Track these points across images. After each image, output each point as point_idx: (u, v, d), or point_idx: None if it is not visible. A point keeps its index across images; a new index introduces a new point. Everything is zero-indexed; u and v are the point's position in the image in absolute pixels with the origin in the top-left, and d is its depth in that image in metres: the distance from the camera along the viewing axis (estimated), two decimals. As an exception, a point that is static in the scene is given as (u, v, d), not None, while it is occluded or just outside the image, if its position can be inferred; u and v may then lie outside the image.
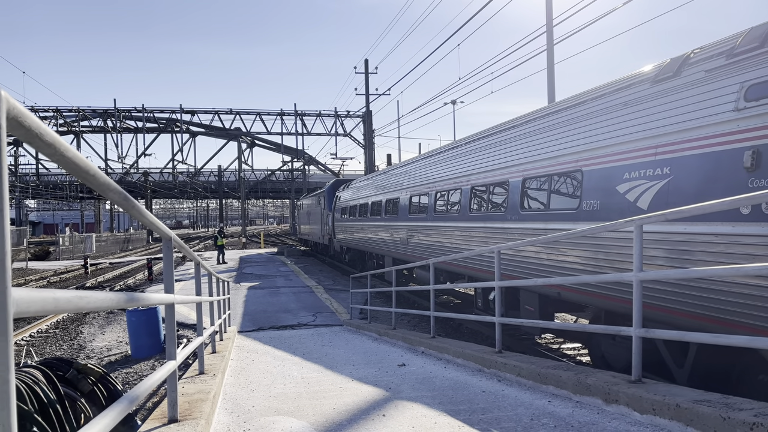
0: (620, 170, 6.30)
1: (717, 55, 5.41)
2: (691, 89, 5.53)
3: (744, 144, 4.80)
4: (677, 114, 5.63)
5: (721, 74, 5.21)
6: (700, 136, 5.29)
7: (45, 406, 3.90)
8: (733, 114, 4.97)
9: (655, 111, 5.95)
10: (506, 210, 8.99)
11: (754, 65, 4.90)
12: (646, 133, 5.98)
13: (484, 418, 4.08)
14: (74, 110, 48.94)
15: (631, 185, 6.12)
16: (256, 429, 4.01)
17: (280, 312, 14.74)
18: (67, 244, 43.05)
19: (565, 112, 7.81)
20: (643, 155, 5.98)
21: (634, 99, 6.33)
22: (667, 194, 5.61)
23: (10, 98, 1.09)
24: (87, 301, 1.53)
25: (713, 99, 5.23)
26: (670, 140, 5.65)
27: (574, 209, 7.11)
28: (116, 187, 1.95)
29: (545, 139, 8.06)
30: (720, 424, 3.12)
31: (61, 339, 12.65)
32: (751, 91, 4.84)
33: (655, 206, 5.75)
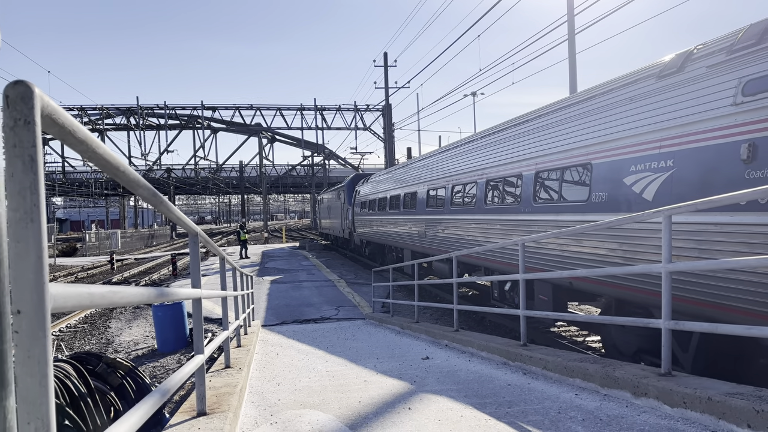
0: (627, 163, 6.53)
1: (718, 51, 5.59)
2: (694, 84, 5.72)
3: (741, 137, 5.02)
4: (680, 108, 5.82)
5: (721, 70, 5.41)
6: (701, 130, 5.50)
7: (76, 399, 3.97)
8: (732, 108, 5.16)
9: (659, 105, 6.14)
10: (520, 202, 9.23)
11: (751, 61, 5.10)
12: (652, 127, 6.19)
13: (510, 412, 4.06)
14: (98, 108, 49.68)
15: (637, 177, 6.35)
16: (283, 422, 4.04)
17: (302, 306, 14.83)
18: (93, 240, 43.80)
19: (575, 106, 8.01)
20: (649, 148, 6.20)
21: (640, 94, 6.54)
22: (671, 186, 5.83)
23: (44, 96, 1.10)
24: (120, 296, 1.55)
25: (714, 94, 5.42)
26: (673, 134, 5.86)
27: (584, 201, 7.36)
28: (145, 184, 1.97)
29: (557, 133, 8.29)
30: (753, 417, 3.06)
31: (89, 333, 12.89)
32: (748, 86, 5.04)
33: (659, 197, 5.99)
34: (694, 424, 3.42)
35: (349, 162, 59.45)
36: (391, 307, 12.14)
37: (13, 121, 1.02)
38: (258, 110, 52.62)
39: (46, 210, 2.81)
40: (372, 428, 3.80)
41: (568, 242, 7.62)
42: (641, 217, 4.44)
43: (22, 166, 1.02)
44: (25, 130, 1.03)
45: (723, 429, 3.25)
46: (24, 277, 1.01)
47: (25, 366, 1.00)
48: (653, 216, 4.24)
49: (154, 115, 52.19)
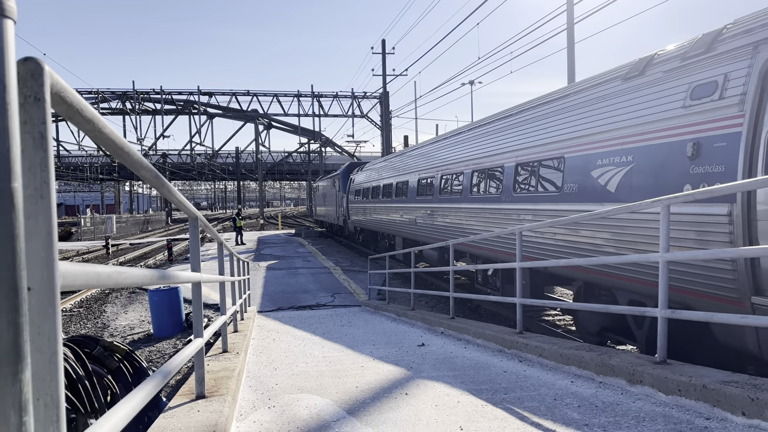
0: (595, 157, 7.11)
1: (674, 58, 6.12)
2: (652, 87, 6.28)
3: (688, 137, 5.60)
4: (641, 109, 6.38)
5: (675, 75, 5.97)
6: (657, 129, 6.07)
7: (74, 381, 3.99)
8: (682, 110, 5.73)
9: (623, 105, 6.71)
10: (501, 192, 9.85)
11: (699, 68, 5.65)
12: (616, 125, 6.75)
13: (506, 398, 4.09)
14: (94, 92, 49.29)
15: (602, 171, 6.94)
16: (280, 406, 4.06)
17: (298, 292, 14.86)
18: (88, 224, 43.69)
19: (553, 103, 8.56)
20: (613, 144, 6.78)
21: (608, 94, 7.09)
22: (631, 179, 6.40)
23: (53, 73, 1.09)
24: (125, 277, 1.55)
25: (668, 97, 5.98)
26: (634, 132, 6.42)
27: (558, 191, 7.97)
28: (149, 165, 1.96)
29: (536, 128, 8.86)
30: (748, 405, 3.10)
31: (84, 318, 12.89)
32: (695, 91, 5.62)
33: (620, 189, 6.57)
34: (688, 412, 3.45)
35: (345, 149, 59.32)
36: (387, 295, 12.18)
37: (23, 97, 1.02)
38: (255, 96, 52.33)
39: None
40: (369, 413, 3.82)
41: (554, 231, 7.97)
42: (638, 207, 4.46)
43: (33, 143, 1.02)
44: (35, 107, 1.02)
45: (717, 416, 3.29)
46: (34, 254, 1.01)
47: (35, 343, 1.01)
48: (651, 206, 4.26)
49: (150, 100, 51.84)
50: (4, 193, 0.84)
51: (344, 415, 3.80)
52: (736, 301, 5.00)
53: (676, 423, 3.27)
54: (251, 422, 3.67)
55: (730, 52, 5.36)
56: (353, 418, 3.72)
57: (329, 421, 3.65)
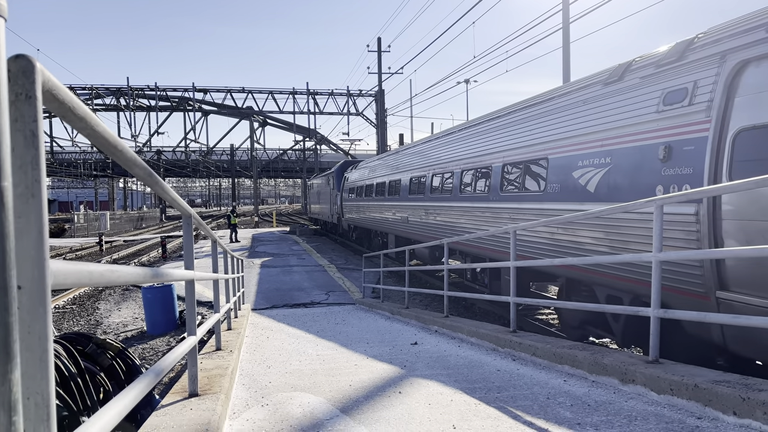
0: (576, 159, 7.39)
1: (650, 65, 6.41)
2: (630, 92, 6.57)
3: (660, 140, 5.90)
4: (619, 112, 6.66)
5: (651, 81, 6.26)
6: (633, 132, 6.36)
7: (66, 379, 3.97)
8: (656, 115, 6.02)
9: (603, 109, 6.99)
10: (489, 191, 10.17)
11: (671, 75, 5.96)
12: (597, 128, 7.02)
13: (500, 396, 4.10)
14: (87, 88, 49.03)
15: (583, 171, 7.23)
16: (274, 404, 4.06)
17: (293, 290, 14.84)
18: (81, 221, 43.51)
19: (538, 105, 8.86)
20: (593, 146, 7.07)
21: (590, 98, 7.36)
22: (608, 179, 6.70)
23: (45, 71, 1.08)
24: (118, 275, 1.54)
25: (644, 102, 6.27)
26: (613, 134, 6.70)
27: (542, 191, 8.26)
28: (142, 163, 1.96)
29: (522, 130, 9.16)
30: (739, 405, 3.12)
31: (78, 315, 12.84)
32: (668, 96, 5.91)
33: (599, 189, 6.88)
34: (680, 411, 3.47)
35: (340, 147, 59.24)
36: (382, 293, 12.18)
37: (15, 95, 1.01)
38: (250, 93, 52.18)
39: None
40: (363, 411, 3.83)
41: (539, 230, 8.22)
42: (633, 207, 4.48)
43: (24, 140, 1.01)
44: (27, 104, 1.02)
45: (709, 416, 3.31)
46: (25, 253, 1.01)
47: (26, 341, 1.00)
48: (644, 206, 4.28)
49: (145, 96, 51.60)
50: None
51: (337, 413, 3.80)
52: (703, 296, 5.25)
53: (668, 422, 3.29)
54: (244, 420, 3.66)
55: (700, 61, 5.64)
56: (346, 416, 3.72)
57: (322, 420, 3.65)
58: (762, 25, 5.03)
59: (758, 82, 5.00)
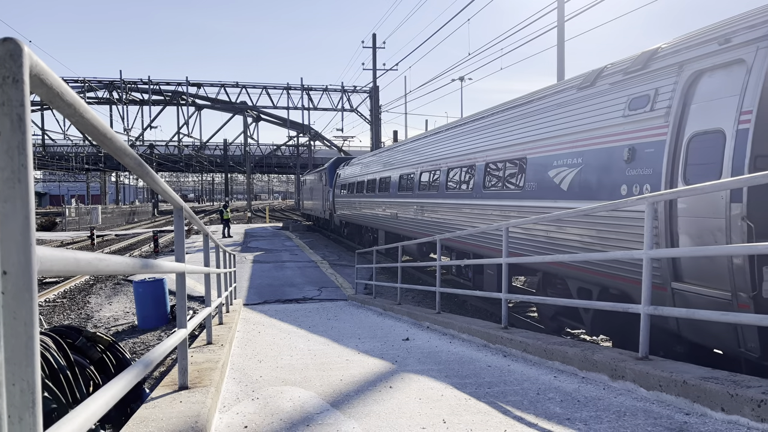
0: (552, 159, 7.83)
1: (619, 72, 6.82)
2: (600, 97, 6.99)
3: (625, 143, 6.33)
4: (590, 116, 7.08)
5: (619, 87, 6.68)
6: (602, 135, 6.79)
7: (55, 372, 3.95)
8: (622, 119, 6.45)
9: (576, 113, 7.41)
10: (473, 189, 10.60)
11: (636, 82, 6.38)
12: (570, 130, 7.45)
13: (490, 392, 4.12)
14: (80, 81, 48.70)
15: (557, 171, 7.67)
16: (264, 398, 4.05)
17: (285, 286, 14.83)
18: (73, 215, 43.27)
19: (519, 107, 9.30)
20: (567, 147, 7.50)
21: (565, 101, 7.78)
22: (580, 178, 7.14)
23: (32, 54, 1.07)
24: (106, 264, 1.53)
25: (612, 107, 6.69)
26: (585, 136, 7.13)
27: (520, 188, 8.70)
28: (132, 152, 1.94)
29: (503, 131, 9.59)
30: (727, 401, 3.14)
31: (68, 308, 12.78)
32: (632, 102, 6.33)
33: (571, 187, 7.33)
34: (669, 407, 3.49)
35: (334, 143, 59.15)
36: (374, 289, 12.19)
37: (1, 78, 1.00)
38: (244, 88, 51.96)
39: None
40: (353, 405, 3.83)
41: (527, 226, 8.50)
42: (623, 204, 4.50)
43: (10, 125, 1.00)
44: (14, 88, 1.01)
45: (697, 412, 3.33)
46: (11, 238, 1.00)
47: (11, 327, 0.99)
48: (636, 203, 4.30)
49: (138, 90, 51.29)
50: None
51: (328, 407, 3.80)
52: (661, 287, 5.71)
53: (657, 418, 3.31)
54: (234, 414, 3.66)
55: (661, 70, 6.06)
56: (337, 410, 3.72)
57: (313, 413, 3.64)
58: (715, 39, 5.39)
59: (710, 90, 5.41)
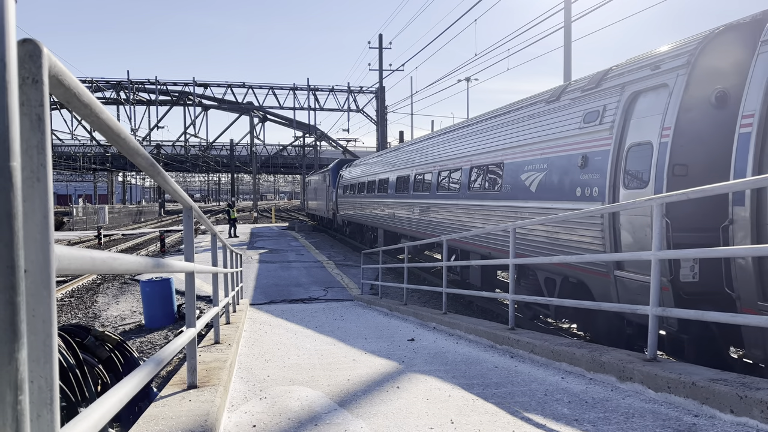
0: (523, 164, 8.84)
1: (578, 89, 7.84)
2: (563, 111, 8.01)
3: (579, 151, 7.38)
4: (554, 127, 8.09)
5: (577, 103, 7.70)
6: (563, 144, 7.78)
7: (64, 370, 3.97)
8: (578, 131, 7.48)
9: (544, 123, 8.43)
10: (459, 190, 11.63)
11: (590, 99, 7.43)
12: (538, 139, 8.47)
13: (497, 393, 4.11)
14: (88, 81, 48.93)
15: (528, 175, 8.66)
16: (272, 398, 4.07)
17: (291, 286, 14.85)
18: (80, 215, 43.45)
19: (499, 117, 10.40)
20: (536, 154, 8.51)
21: (535, 113, 8.82)
22: (544, 181, 8.15)
23: (51, 55, 1.08)
24: (120, 263, 1.55)
25: (571, 119, 7.72)
26: (550, 145, 8.13)
27: (498, 190, 9.76)
28: (144, 153, 1.96)
29: (485, 138, 10.67)
30: (736, 403, 3.13)
31: (76, 307, 12.84)
32: (587, 116, 7.38)
33: (539, 189, 8.32)
34: (677, 409, 3.48)
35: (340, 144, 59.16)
36: (380, 289, 12.20)
37: (21, 79, 1.01)
38: (250, 88, 52.06)
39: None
40: (361, 405, 3.83)
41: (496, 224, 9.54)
42: (632, 205, 4.48)
43: (30, 124, 1.01)
44: (33, 88, 1.02)
45: (706, 414, 3.32)
46: (30, 236, 1.01)
47: (30, 324, 1.00)
48: (646, 204, 4.28)
49: (145, 90, 51.46)
50: (3, 171, 0.84)
51: (335, 407, 3.81)
52: (605, 274, 6.80)
53: (665, 420, 3.30)
54: (242, 413, 3.67)
55: (609, 89, 7.10)
56: (344, 410, 3.73)
57: (320, 413, 3.65)
58: (649, 65, 6.48)
59: (644, 108, 6.44)
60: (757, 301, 4.85)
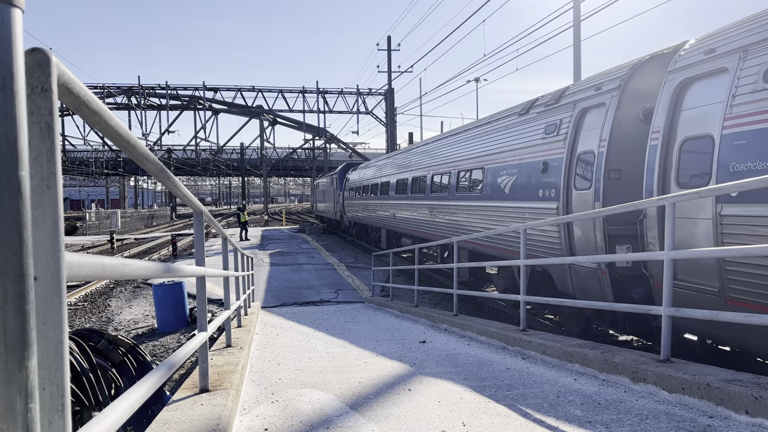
0: (500, 168, 10.03)
1: (542, 104, 9.02)
2: (530, 123, 9.22)
3: (541, 158, 8.51)
4: (523, 137, 9.30)
5: (541, 117, 8.87)
6: (530, 152, 8.93)
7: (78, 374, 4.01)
8: (541, 140, 8.63)
9: (516, 134, 9.67)
10: (449, 192, 12.81)
11: (550, 114, 8.59)
12: (511, 147, 9.71)
13: (509, 395, 4.09)
14: (99, 87, 49.37)
15: (503, 178, 9.86)
16: (284, 401, 4.07)
17: (302, 288, 14.88)
18: (93, 219, 43.82)
19: (481, 127, 11.68)
20: (509, 160, 9.71)
21: (510, 124, 10.11)
22: (515, 183, 9.35)
23: (60, 64, 1.09)
24: (130, 269, 1.55)
25: (536, 131, 8.88)
26: (519, 153, 9.32)
27: (480, 192, 10.91)
28: (154, 159, 1.97)
29: (470, 145, 11.91)
30: (752, 404, 3.09)
31: (89, 312, 12.94)
32: (547, 128, 8.51)
33: (510, 190, 9.53)
34: (692, 410, 3.45)
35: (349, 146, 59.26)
36: (391, 291, 12.19)
37: (30, 88, 1.02)
38: (260, 92, 52.33)
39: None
40: (372, 408, 3.83)
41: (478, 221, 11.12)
42: (645, 204, 4.46)
43: (39, 133, 1.02)
44: (42, 97, 1.03)
45: (721, 415, 3.28)
46: (41, 244, 1.02)
47: (41, 332, 1.01)
48: (657, 203, 4.26)
49: (156, 95, 51.88)
50: (12, 181, 0.84)
51: (347, 409, 3.80)
52: (563, 265, 7.70)
53: (680, 421, 3.27)
54: (254, 416, 3.68)
55: (564, 105, 8.22)
56: (356, 412, 3.72)
57: (332, 416, 3.65)
58: (593, 86, 7.67)
59: (589, 123, 7.59)
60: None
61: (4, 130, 0.84)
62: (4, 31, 0.85)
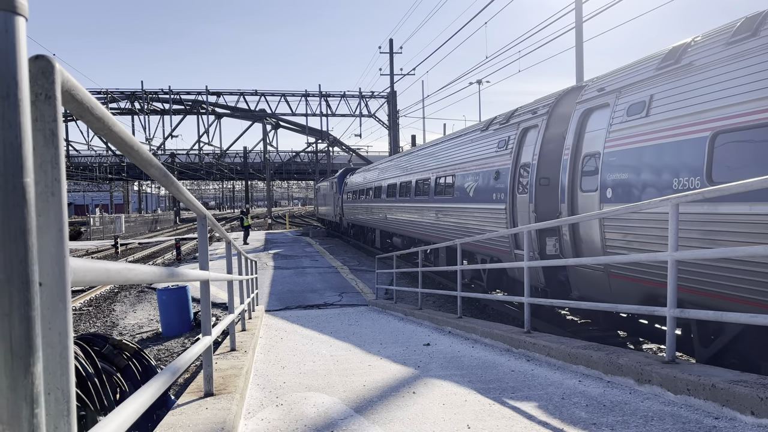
0: (467, 175, 11.67)
1: (498, 122, 10.80)
2: (488, 138, 10.94)
3: (495, 168, 10.23)
4: (483, 150, 10.97)
5: (496, 133, 10.61)
6: (488, 162, 10.61)
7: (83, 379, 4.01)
8: (495, 153, 10.33)
9: (478, 147, 11.34)
10: (428, 195, 14.59)
11: (503, 131, 10.33)
12: (475, 158, 11.37)
13: (514, 397, 4.09)
14: (103, 92, 49.51)
15: (469, 183, 11.45)
16: (288, 404, 4.08)
17: (306, 292, 14.89)
18: (97, 224, 43.95)
19: (454, 139, 13.53)
20: (473, 168, 11.36)
21: (475, 138, 11.81)
22: (476, 187, 10.98)
23: (64, 71, 1.10)
24: (134, 273, 1.56)
25: (492, 145, 10.60)
26: (481, 162, 10.98)
27: (452, 195, 12.58)
28: (157, 164, 1.98)
29: (444, 154, 13.75)
30: (757, 405, 3.08)
31: (94, 316, 12.97)
32: (500, 143, 10.24)
33: (475, 194, 11.06)
34: (697, 411, 3.44)
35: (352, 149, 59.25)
36: (395, 294, 12.19)
37: (35, 95, 1.02)
38: (263, 96, 52.37)
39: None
40: (377, 411, 3.83)
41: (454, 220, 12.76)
42: (648, 206, 4.45)
43: (43, 140, 1.03)
44: (46, 104, 1.03)
45: (726, 416, 3.27)
46: (45, 251, 1.02)
47: (46, 337, 1.02)
48: (659, 204, 4.25)
49: (159, 100, 51.96)
50: (17, 188, 0.85)
51: (352, 413, 3.80)
52: (509, 252, 9.51)
53: (685, 422, 3.26)
54: (259, 420, 3.68)
55: (512, 125, 9.96)
56: (360, 416, 3.72)
57: (337, 419, 3.65)
58: (532, 110, 9.38)
59: (528, 140, 9.25)
60: (573, 256, 7.61)
61: (9, 138, 0.85)
62: (8, 39, 0.86)
